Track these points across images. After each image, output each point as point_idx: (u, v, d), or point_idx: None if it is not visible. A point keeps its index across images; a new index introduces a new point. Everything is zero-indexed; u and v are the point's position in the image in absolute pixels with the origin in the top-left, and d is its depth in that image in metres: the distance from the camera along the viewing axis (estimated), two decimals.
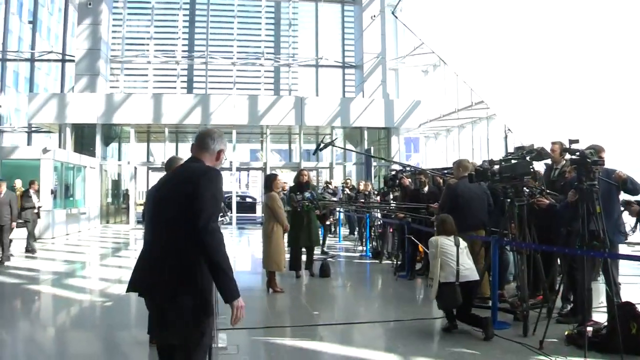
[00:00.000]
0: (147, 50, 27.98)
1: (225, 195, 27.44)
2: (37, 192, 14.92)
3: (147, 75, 28.59)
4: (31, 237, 14.25)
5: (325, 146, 10.78)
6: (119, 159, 27.74)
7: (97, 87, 24.81)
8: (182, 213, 3.21)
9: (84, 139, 25.07)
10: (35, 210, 14.42)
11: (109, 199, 26.82)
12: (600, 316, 6.50)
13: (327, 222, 15.49)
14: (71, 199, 21.16)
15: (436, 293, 6.35)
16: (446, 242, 6.54)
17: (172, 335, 3.28)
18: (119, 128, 26.41)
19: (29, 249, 14.00)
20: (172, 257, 3.21)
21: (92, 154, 23.77)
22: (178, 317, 3.20)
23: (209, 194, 3.23)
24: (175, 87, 28.39)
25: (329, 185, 19.96)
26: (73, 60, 25.80)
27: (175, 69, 28.50)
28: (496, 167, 7.10)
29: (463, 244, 6.62)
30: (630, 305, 5.69)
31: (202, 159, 3.50)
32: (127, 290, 3.42)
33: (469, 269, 6.47)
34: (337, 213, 16.19)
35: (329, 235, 16.43)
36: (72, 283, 10.26)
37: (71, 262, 13.10)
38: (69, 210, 19.96)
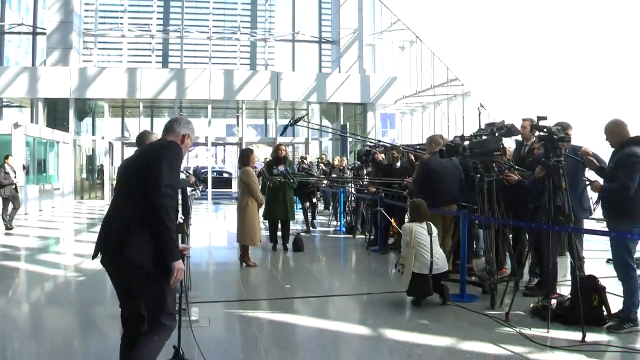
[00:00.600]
0: (122, 24, 27.55)
1: (202, 171, 27.34)
2: (12, 167, 14.71)
3: (121, 49, 28.19)
4: (13, 212, 14.15)
5: (293, 124, 10.81)
6: (93, 134, 27.44)
7: (69, 60, 24.40)
8: (139, 181, 3.45)
9: (57, 113, 24.71)
10: (13, 186, 14.22)
11: (83, 175, 26.56)
12: (564, 289, 6.69)
13: (314, 200, 15.02)
14: (44, 174, 20.93)
15: (409, 282, 6.43)
16: (420, 231, 6.60)
17: (134, 291, 3.54)
18: (93, 103, 26.08)
19: (8, 226, 13.87)
20: (122, 218, 3.47)
21: (65, 128, 23.46)
22: (130, 271, 3.43)
23: (165, 161, 3.47)
24: (150, 62, 28.05)
25: (304, 160, 19.98)
26: (44, 33, 25.30)
27: (150, 43, 28.14)
28: (466, 142, 7.19)
29: (434, 230, 6.70)
30: (592, 279, 5.86)
31: (167, 139, 3.81)
32: (93, 257, 3.65)
33: (441, 260, 6.58)
34: (322, 190, 15.94)
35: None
36: (46, 259, 10.23)
37: (45, 238, 13.03)
38: (42, 186, 19.76)
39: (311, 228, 13.87)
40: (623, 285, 5.61)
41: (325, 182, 15.05)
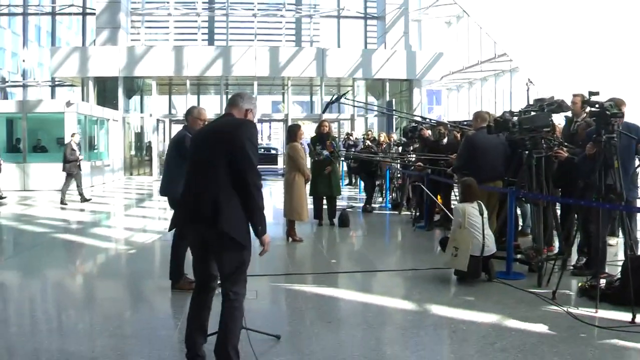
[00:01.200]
0: (168, 2, 27.83)
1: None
2: (78, 144, 15.30)
3: (167, 27, 28.54)
4: (79, 188, 14.93)
5: (335, 101, 10.77)
6: (142, 112, 27.93)
7: (118, 40, 24.81)
8: (225, 159, 3.73)
9: (106, 92, 25.20)
10: (78, 163, 14.90)
11: (132, 152, 27.11)
12: (614, 270, 6.55)
13: (377, 182, 14.02)
14: (95, 151, 21.47)
15: (466, 266, 6.33)
16: (472, 212, 6.54)
17: (220, 259, 3.83)
18: (141, 81, 26.48)
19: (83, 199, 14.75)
20: (212, 193, 3.72)
21: (114, 106, 23.93)
22: (222, 242, 3.73)
23: (249, 143, 3.76)
24: (196, 39, 28.34)
25: (350, 137, 19.96)
26: (94, 14, 25.79)
27: (196, 21, 28.39)
28: (515, 118, 7.08)
29: (485, 211, 6.65)
30: None
31: (233, 114, 4.06)
32: (170, 229, 4.23)
33: (491, 242, 6.55)
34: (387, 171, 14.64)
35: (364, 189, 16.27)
36: (98, 232, 10.54)
37: (97, 212, 13.41)
38: (93, 163, 20.27)
39: (368, 207, 12.99)
40: None
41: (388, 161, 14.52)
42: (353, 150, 17.52)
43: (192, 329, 3.96)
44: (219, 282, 3.95)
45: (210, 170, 3.78)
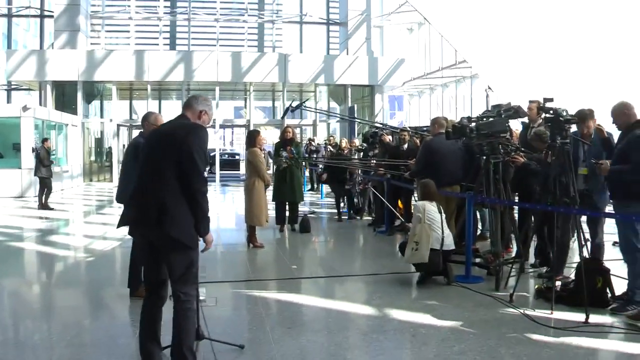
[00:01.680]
0: (129, 6, 27.50)
1: (211, 154, 27.39)
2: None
3: (128, 31, 28.16)
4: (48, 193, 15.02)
5: (295, 109, 10.76)
6: (102, 117, 27.52)
7: (77, 43, 24.39)
8: (172, 162, 3.78)
9: (65, 96, 24.77)
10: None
11: (92, 157, 26.67)
12: (569, 271, 6.70)
13: (347, 187, 12.63)
14: (53, 157, 20.99)
15: (427, 258, 6.46)
16: (431, 209, 6.74)
17: (167, 261, 3.85)
18: (101, 85, 26.11)
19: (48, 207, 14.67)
20: (158, 195, 3.77)
21: (73, 111, 23.50)
22: (168, 244, 3.78)
23: (197, 148, 3.81)
24: (157, 44, 28.04)
25: (312, 143, 19.98)
26: (52, 16, 25.29)
27: (158, 25, 28.10)
28: (473, 124, 7.18)
29: (442, 211, 6.84)
30: (596, 261, 5.88)
31: (187, 116, 4.11)
32: (118, 226, 4.18)
33: (449, 238, 6.74)
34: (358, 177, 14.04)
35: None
36: (56, 240, 10.32)
37: (55, 219, 13.13)
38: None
39: (342, 218, 12.45)
40: (628, 267, 5.60)
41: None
42: (315, 156, 17.54)
43: (146, 340, 3.93)
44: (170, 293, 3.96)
45: (159, 173, 3.82)
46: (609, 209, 6.44)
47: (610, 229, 6.80)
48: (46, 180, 14.89)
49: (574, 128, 6.26)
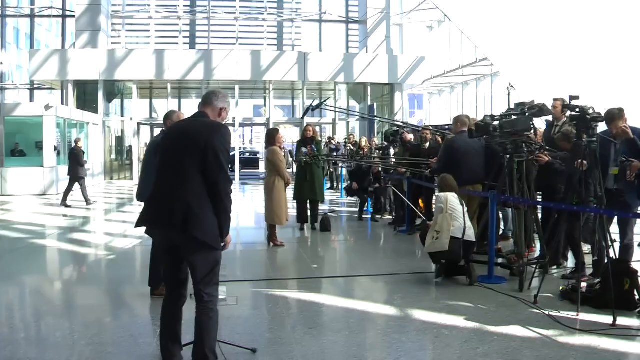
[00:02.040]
0: (149, 5, 27.63)
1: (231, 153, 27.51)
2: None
3: (149, 31, 28.30)
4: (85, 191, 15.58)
5: (314, 109, 10.71)
6: (122, 116, 27.69)
7: (98, 43, 24.55)
8: (196, 162, 3.72)
9: (86, 95, 24.97)
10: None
11: (113, 156, 26.86)
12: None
13: (371, 189, 12.46)
14: None
15: (447, 246, 6.46)
16: (454, 200, 6.74)
17: (192, 262, 3.79)
18: (122, 84, 26.27)
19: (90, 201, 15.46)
20: (182, 196, 3.71)
21: (94, 110, 23.68)
22: (193, 245, 3.72)
23: (221, 148, 3.76)
24: (177, 43, 28.14)
25: (332, 141, 19.92)
26: (74, 16, 25.48)
27: (178, 25, 28.20)
28: (496, 122, 7.08)
29: (464, 205, 6.84)
30: (624, 262, 5.77)
31: (207, 113, 4.00)
32: (136, 225, 4.00)
33: (471, 230, 6.73)
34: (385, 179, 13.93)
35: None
36: (78, 238, 10.39)
37: (76, 217, 13.23)
38: None
39: (363, 217, 12.44)
40: None
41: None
42: (335, 154, 17.47)
43: (167, 339, 3.90)
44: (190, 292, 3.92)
45: (182, 173, 3.75)
46: None
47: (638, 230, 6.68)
48: (82, 180, 15.36)
49: (603, 126, 6.13)
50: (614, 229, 6.47)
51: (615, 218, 6.51)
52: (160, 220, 3.81)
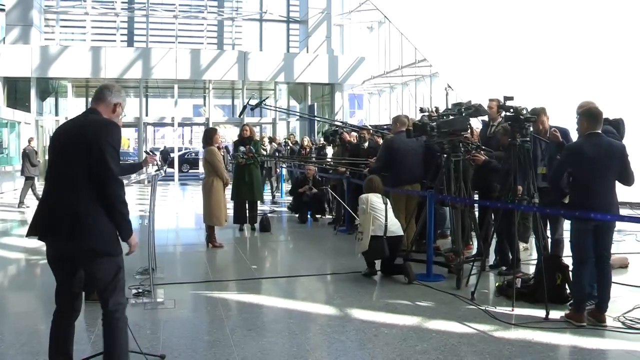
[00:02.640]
0: (85, 1, 26.86)
1: (169, 150, 27.03)
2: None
3: (84, 27, 27.51)
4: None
5: (254, 107, 10.66)
6: (57, 115, 26.81)
7: (30, 38, 23.71)
8: (82, 165, 3.42)
9: (17, 93, 24.04)
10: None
11: (47, 156, 25.93)
12: (529, 269, 6.78)
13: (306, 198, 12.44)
14: (5, 155, 20.40)
15: (367, 245, 6.71)
16: (375, 200, 6.95)
17: (88, 272, 3.55)
18: (56, 82, 25.43)
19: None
20: (69, 203, 3.41)
21: (27, 109, 22.85)
22: (85, 256, 3.47)
23: (109, 148, 3.44)
24: (115, 40, 27.45)
25: (273, 142, 19.78)
26: (3, 10, 24.50)
27: (115, 21, 27.52)
28: (433, 123, 7.18)
29: (388, 202, 7.08)
30: (556, 258, 5.94)
31: (98, 110, 3.69)
32: (27, 235, 3.64)
33: (395, 225, 6.93)
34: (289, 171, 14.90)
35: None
36: (8, 242, 10.00)
37: (7, 220, 12.74)
38: (2, 168, 19.27)
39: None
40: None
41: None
42: (277, 154, 17.37)
43: (57, 357, 3.63)
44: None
45: (68, 178, 3.45)
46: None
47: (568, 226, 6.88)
48: (31, 180, 15.25)
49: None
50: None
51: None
52: (48, 230, 3.48)
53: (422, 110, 8.09)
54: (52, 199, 3.51)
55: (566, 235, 6.15)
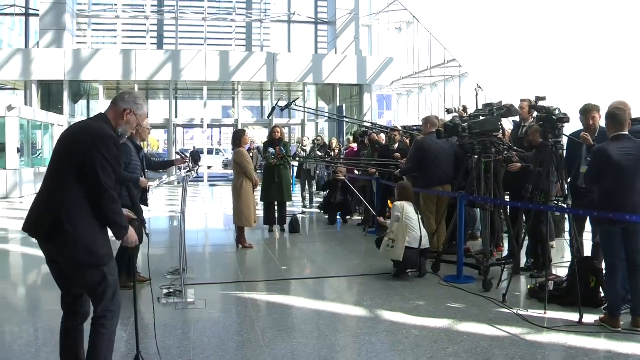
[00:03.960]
0: (115, 5, 27.26)
1: (199, 151, 27.23)
2: None
3: (115, 30, 27.94)
4: None
5: (283, 108, 10.68)
6: (88, 117, 27.20)
7: (63, 42, 24.13)
8: (71, 168, 3.34)
9: (51, 96, 24.52)
10: None
11: None
12: (562, 271, 6.68)
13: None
14: (39, 157, 20.79)
15: (401, 256, 6.75)
16: (410, 209, 7.00)
17: (75, 280, 3.48)
18: (88, 85, 25.86)
19: None
20: (53, 203, 3.34)
21: (59, 111, 23.27)
22: (62, 257, 3.39)
23: (104, 166, 3.33)
24: (145, 43, 27.82)
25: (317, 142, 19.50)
26: (37, 15, 25.00)
27: (145, 24, 27.89)
28: (464, 124, 7.12)
29: (419, 212, 7.18)
30: (589, 260, 5.85)
31: (108, 117, 3.62)
32: (23, 229, 3.52)
33: (426, 238, 7.01)
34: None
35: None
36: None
37: None
38: (36, 169, 19.60)
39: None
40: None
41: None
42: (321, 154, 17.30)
43: None
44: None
45: (57, 180, 3.38)
46: None
47: None
48: None
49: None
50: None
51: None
52: (32, 229, 3.42)
53: (448, 111, 8.05)
54: (39, 200, 3.46)
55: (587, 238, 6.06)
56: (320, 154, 15.04)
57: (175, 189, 20.66)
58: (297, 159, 15.01)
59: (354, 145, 12.94)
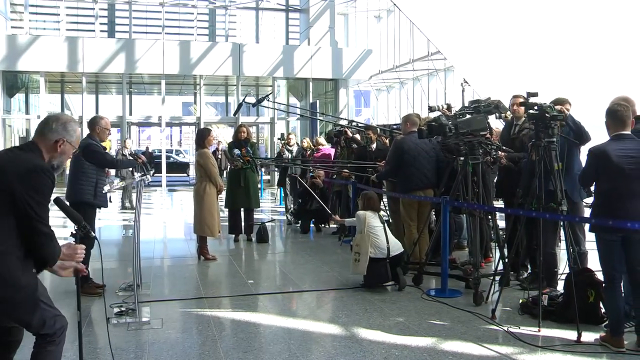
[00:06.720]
0: None
1: (155, 154, 27.04)
2: None
3: (58, 14, 27.53)
4: None
5: (254, 105, 10.70)
6: (27, 112, 26.87)
7: None
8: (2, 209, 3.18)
9: None
10: None
11: None
12: (558, 283, 6.75)
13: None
14: None
15: (365, 269, 6.96)
16: (372, 217, 7.20)
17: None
18: (26, 76, 25.48)
19: None
20: None
21: None
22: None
23: (36, 198, 3.20)
24: (93, 30, 27.50)
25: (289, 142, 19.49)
26: None
27: (94, 9, 27.57)
28: (451, 122, 7.17)
29: (384, 221, 7.33)
30: (587, 272, 5.89)
31: (39, 146, 3.43)
32: None
33: (396, 245, 7.18)
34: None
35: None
36: None
37: None
38: None
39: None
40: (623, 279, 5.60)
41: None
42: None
43: None
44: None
45: None
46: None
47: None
48: None
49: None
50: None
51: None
52: None
53: (431, 109, 8.11)
54: None
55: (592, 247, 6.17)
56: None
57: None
58: (267, 161, 15.00)
59: (326, 148, 12.82)
